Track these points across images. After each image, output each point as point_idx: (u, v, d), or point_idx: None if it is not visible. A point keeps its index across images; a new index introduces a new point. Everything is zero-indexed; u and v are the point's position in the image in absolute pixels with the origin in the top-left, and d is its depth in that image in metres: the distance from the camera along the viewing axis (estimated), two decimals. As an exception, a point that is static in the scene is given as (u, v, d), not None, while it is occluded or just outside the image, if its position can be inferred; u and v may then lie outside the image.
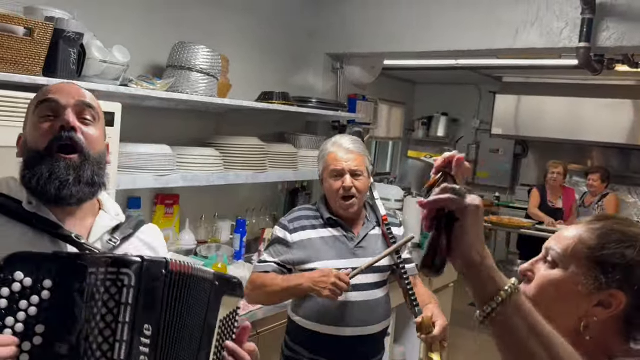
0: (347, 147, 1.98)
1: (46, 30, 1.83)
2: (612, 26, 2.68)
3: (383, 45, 3.40)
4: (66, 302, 0.92)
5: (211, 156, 2.64)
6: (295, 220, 2.00)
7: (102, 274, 0.92)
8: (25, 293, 0.91)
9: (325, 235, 1.97)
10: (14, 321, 0.90)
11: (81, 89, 1.18)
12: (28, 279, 0.92)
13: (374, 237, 2.03)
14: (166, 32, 2.66)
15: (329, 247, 1.94)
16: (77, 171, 1.10)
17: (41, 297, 0.92)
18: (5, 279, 0.91)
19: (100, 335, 0.91)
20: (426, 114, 7.14)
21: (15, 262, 0.92)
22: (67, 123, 1.10)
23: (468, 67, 5.04)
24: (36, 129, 1.12)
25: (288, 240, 1.95)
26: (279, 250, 1.97)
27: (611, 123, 5.48)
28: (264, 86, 3.14)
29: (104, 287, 0.92)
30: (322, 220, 2.00)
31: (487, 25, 3.02)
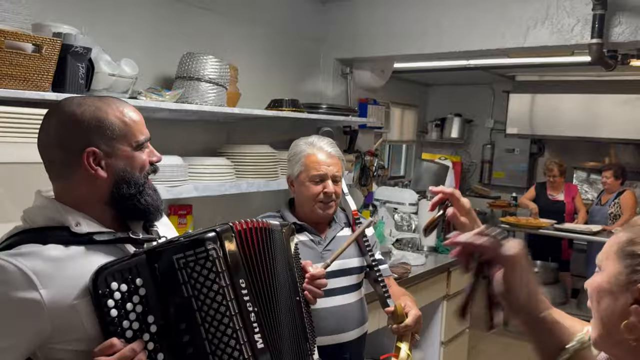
0: (328, 150, 1.92)
1: (54, 46, 1.84)
2: (624, 21, 2.64)
3: (392, 48, 3.38)
4: (165, 290, 1.07)
5: (223, 165, 2.64)
6: None
7: (191, 256, 1.08)
8: (126, 297, 1.05)
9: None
10: (129, 323, 1.05)
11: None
12: (123, 285, 1.06)
13: (343, 238, 1.90)
14: (174, 43, 2.67)
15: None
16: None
17: (139, 294, 1.07)
18: (104, 293, 1.04)
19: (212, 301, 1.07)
20: (439, 116, 7.09)
21: (105, 275, 1.04)
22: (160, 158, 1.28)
23: (480, 67, 4.99)
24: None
25: None
26: None
27: (628, 119, 5.39)
28: (273, 93, 3.14)
29: (199, 265, 1.08)
30: None
31: (497, 24, 2.98)
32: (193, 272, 1.07)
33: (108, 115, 1.15)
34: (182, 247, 1.09)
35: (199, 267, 1.08)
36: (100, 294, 1.03)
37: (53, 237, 1.08)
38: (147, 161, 1.21)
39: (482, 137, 7.05)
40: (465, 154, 7.19)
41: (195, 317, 1.07)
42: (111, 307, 1.04)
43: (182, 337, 1.07)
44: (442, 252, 3.88)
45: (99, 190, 1.15)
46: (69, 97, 1.23)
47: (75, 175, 1.14)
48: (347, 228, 2.00)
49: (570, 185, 5.53)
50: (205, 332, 1.07)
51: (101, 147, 1.14)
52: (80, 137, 1.13)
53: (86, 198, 1.15)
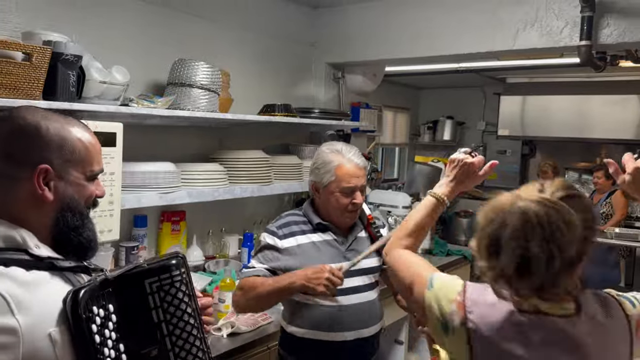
0: (357, 162, 1.97)
1: (44, 54, 1.84)
2: (612, 23, 2.66)
3: (383, 52, 3.39)
4: (136, 315, 1.05)
5: (216, 171, 2.64)
6: (284, 226, 1.97)
7: (167, 279, 1.07)
8: (103, 323, 1.01)
9: (316, 240, 1.95)
10: (108, 350, 1.00)
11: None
12: (101, 310, 1.01)
13: (363, 239, 2.03)
14: (165, 49, 2.67)
15: (320, 252, 1.92)
16: None
17: (113, 321, 1.03)
18: (88, 317, 0.98)
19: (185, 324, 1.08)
20: (431, 119, 7.11)
21: (85, 299, 0.98)
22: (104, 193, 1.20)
23: (471, 69, 5.02)
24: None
25: (278, 247, 1.92)
26: (269, 257, 1.92)
27: (618, 119, 5.43)
28: (265, 99, 3.14)
29: (175, 288, 1.08)
30: (311, 225, 1.98)
31: (486, 27, 3.00)
32: (167, 296, 1.07)
33: (71, 136, 1.10)
34: (154, 272, 1.07)
35: (174, 290, 1.08)
36: (84, 319, 0.97)
37: (12, 260, 0.98)
38: (93, 193, 1.14)
39: (474, 139, 7.07)
40: (458, 156, 7.21)
41: (166, 342, 1.06)
42: (95, 332, 0.98)
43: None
44: (437, 254, 3.89)
45: (43, 213, 1.06)
46: (30, 105, 1.17)
47: (20, 190, 1.04)
48: (364, 230, 2.07)
49: None
50: (175, 356, 1.07)
51: (55, 167, 1.06)
52: (37, 151, 1.05)
53: (28, 219, 1.05)
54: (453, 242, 4.74)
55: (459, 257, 3.93)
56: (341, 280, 1.77)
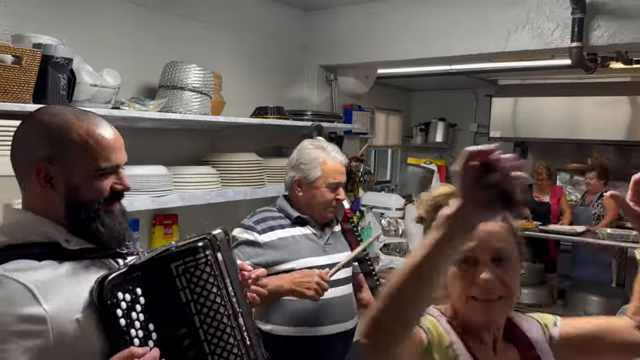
0: (340, 158, 2.02)
1: (34, 57, 1.82)
2: (603, 24, 2.67)
3: (375, 54, 3.39)
4: (164, 297, 1.09)
5: (208, 174, 2.63)
6: (261, 221, 1.98)
7: (191, 261, 1.09)
8: (130, 307, 1.07)
9: (296, 234, 1.97)
10: (135, 331, 1.06)
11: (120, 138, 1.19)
12: (127, 294, 1.07)
13: (338, 234, 2.08)
14: (157, 52, 2.66)
15: (300, 245, 1.95)
16: None
17: (141, 303, 1.08)
18: (113, 303, 1.05)
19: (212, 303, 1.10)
20: (423, 120, 7.12)
21: (110, 286, 1.05)
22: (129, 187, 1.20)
23: (462, 71, 5.03)
24: None
25: (259, 242, 1.91)
26: (249, 253, 1.90)
27: (609, 120, 5.45)
28: (258, 101, 3.13)
29: (199, 270, 1.10)
30: (289, 220, 1.99)
31: (478, 29, 3.01)
32: (193, 277, 1.10)
33: (72, 131, 1.08)
34: (179, 255, 1.10)
35: (199, 272, 1.10)
36: (109, 305, 1.04)
37: (46, 254, 1.06)
38: (105, 189, 1.12)
39: (466, 140, 7.09)
40: (450, 158, 7.22)
41: (194, 320, 1.09)
42: (120, 316, 1.05)
43: (183, 341, 1.09)
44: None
45: (55, 207, 1.09)
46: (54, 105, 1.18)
47: (30, 187, 1.10)
48: (338, 224, 2.11)
49: (555, 187, 5.58)
50: (204, 333, 1.10)
51: (55, 163, 1.07)
52: (38, 147, 1.08)
53: (47, 212, 1.09)
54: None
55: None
56: (327, 284, 1.79)
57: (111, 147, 1.12)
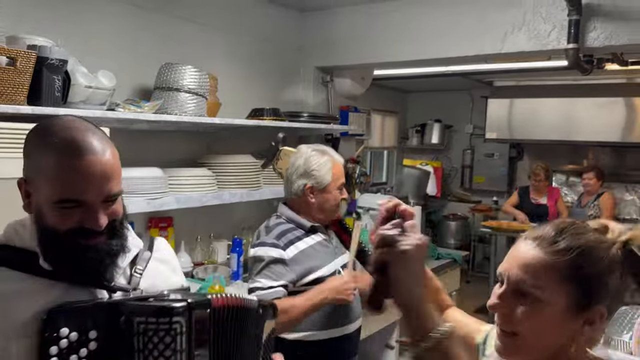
0: (341, 160, 2.08)
1: (29, 58, 1.81)
2: (599, 26, 2.68)
3: (371, 55, 3.39)
4: (116, 351, 0.94)
5: (204, 176, 2.61)
6: (280, 236, 1.95)
7: (153, 324, 0.94)
8: (73, 347, 0.91)
9: (312, 243, 1.98)
10: None
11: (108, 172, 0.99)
12: (74, 333, 0.92)
13: (334, 236, 2.13)
14: (152, 53, 2.64)
15: (319, 253, 1.96)
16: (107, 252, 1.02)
17: (89, 348, 0.93)
18: (51, 337, 0.90)
19: None
20: (419, 122, 7.13)
21: (58, 316, 0.91)
22: (98, 227, 0.98)
23: (458, 73, 5.03)
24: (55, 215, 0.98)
25: (285, 259, 1.89)
26: (279, 271, 1.86)
27: (605, 122, 5.48)
28: (254, 103, 3.12)
29: (157, 337, 0.94)
30: (303, 230, 1.98)
31: (474, 31, 3.01)
32: (149, 343, 0.94)
33: (50, 148, 0.95)
34: (146, 311, 0.95)
35: (156, 339, 0.95)
36: (44, 337, 0.90)
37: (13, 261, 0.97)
38: (63, 222, 0.96)
39: (462, 142, 7.11)
40: (446, 159, 7.23)
41: None
42: (52, 355, 0.90)
43: None
44: (426, 257, 3.88)
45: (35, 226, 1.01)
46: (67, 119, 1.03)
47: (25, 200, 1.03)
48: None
49: (552, 189, 5.58)
50: None
51: (29, 182, 0.99)
52: (24, 162, 1.01)
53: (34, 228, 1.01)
54: (442, 246, 4.75)
55: (448, 260, 3.93)
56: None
57: (89, 181, 0.96)
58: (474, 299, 5.62)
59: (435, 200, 6.59)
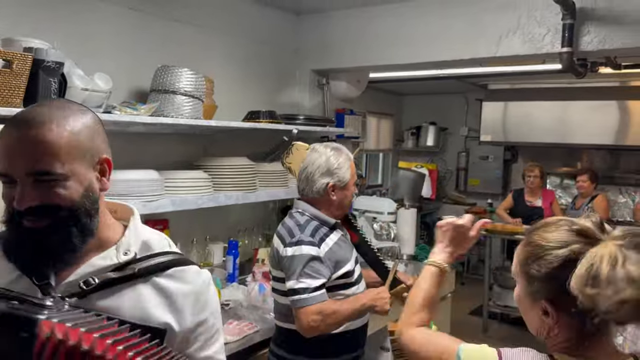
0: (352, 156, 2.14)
1: (25, 61, 1.81)
2: (592, 30, 2.70)
3: (367, 58, 3.40)
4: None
5: (200, 178, 2.61)
6: (314, 232, 1.98)
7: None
8: None
9: (336, 239, 2.04)
10: None
11: (38, 145, 0.91)
12: None
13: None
14: (148, 56, 2.65)
15: (342, 249, 2.04)
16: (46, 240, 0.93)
17: None
18: None
19: None
20: (415, 124, 7.16)
21: None
22: (18, 205, 0.91)
23: (453, 76, 5.05)
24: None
25: (320, 255, 1.94)
26: (318, 269, 1.90)
27: (598, 125, 5.51)
28: (250, 105, 3.13)
29: None
30: (327, 226, 2.04)
31: (469, 34, 3.03)
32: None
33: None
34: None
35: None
36: None
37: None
38: (9, 203, 0.93)
39: (457, 144, 7.13)
40: (441, 162, 7.26)
41: None
42: None
43: None
44: (422, 260, 3.89)
45: None
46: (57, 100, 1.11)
47: None
48: None
49: (547, 191, 5.60)
50: None
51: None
52: None
53: None
54: (437, 248, 4.75)
55: (443, 263, 3.94)
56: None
57: (5, 151, 0.92)
58: (469, 300, 5.65)
59: (430, 202, 6.62)
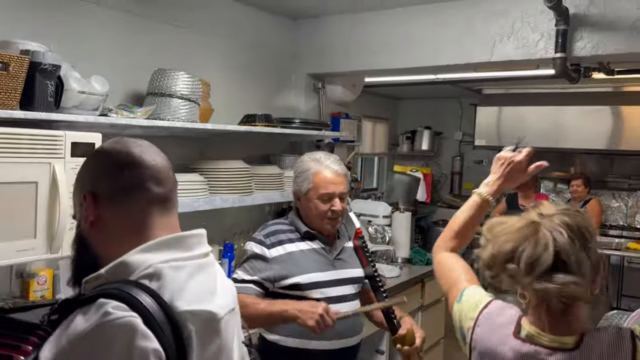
0: (335, 168, 2.00)
1: (22, 63, 1.81)
2: (586, 36, 2.73)
3: (363, 63, 3.42)
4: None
5: (196, 181, 2.62)
6: (271, 234, 1.97)
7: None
8: None
9: (304, 248, 1.96)
10: None
11: None
12: None
13: (349, 250, 2.05)
14: (145, 59, 2.65)
15: (308, 259, 1.94)
16: None
17: None
18: None
19: None
20: (409, 129, 7.17)
21: None
22: None
23: (448, 81, 5.08)
24: None
25: (266, 256, 1.91)
26: (257, 267, 1.90)
27: (592, 129, 5.54)
28: (246, 109, 3.13)
29: None
30: (299, 234, 1.99)
31: (464, 39, 3.05)
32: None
33: None
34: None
35: None
36: None
37: None
38: None
39: (452, 149, 7.16)
40: (436, 166, 7.28)
41: None
42: None
43: None
44: (416, 263, 3.91)
45: None
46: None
47: None
48: (349, 240, 2.08)
49: (540, 195, 5.62)
50: None
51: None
52: None
53: None
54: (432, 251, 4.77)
55: (438, 266, 3.95)
56: (333, 323, 1.76)
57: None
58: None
59: (425, 206, 6.63)
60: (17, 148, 1.70)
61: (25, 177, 1.71)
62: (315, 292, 1.91)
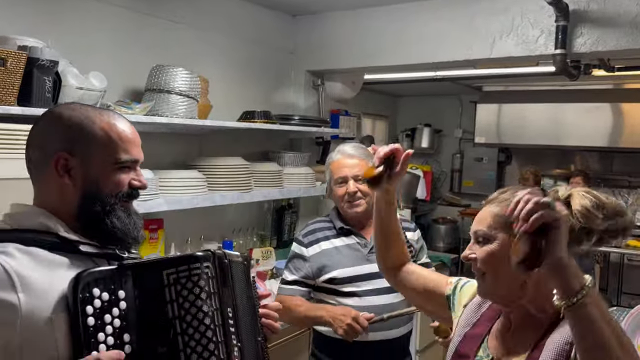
0: (349, 152, 2.05)
1: (19, 59, 1.80)
2: (586, 32, 2.72)
3: (362, 60, 3.41)
4: (148, 307, 1.00)
5: (194, 178, 2.61)
6: (309, 234, 2.07)
7: (184, 272, 1.01)
8: (105, 308, 0.97)
9: (339, 245, 2.03)
10: (104, 336, 0.96)
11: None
12: (106, 293, 0.98)
13: None
14: (143, 55, 2.65)
15: (342, 255, 2.01)
16: None
17: (120, 307, 0.99)
18: (85, 299, 0.95)
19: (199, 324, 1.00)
20: (409, 126, 7.16)
21: (87, 280, 0.97)
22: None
23: (448, 78, 5.07)
24: None
25: (305, 255, 2.02)
26: (297, 266, 2.03)
27: (592, 127, 5.53)
28: (245, 105, 3.13)
29: (192, 282, 1.01)
30: (335, 230, 2.05)
31: (464, 36, 3.04)
32: (183, 290, 1.00)
33: (94, 124, 1.09)
34: (174, 262, 1.03)
35: (190, 284, 1.01)
36: (80, 299, 0.95)
37: (38, 241, 1.01)
38: (124, 182, 1.11)
39: (452, 146, 7.15)
40: (436, 163, 7.27)
41: (177, 341, 0.99)
42: (89, 314, 0.95)
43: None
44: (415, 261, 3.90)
45: (68, 201, 1.08)
46: (72, 102, 1.20)
47: (46, 178, 1.08)
48: None
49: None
50: (186, 358, 0.98)
51: (76, 155, 1.07)
52: (58, 139, 1.08)
53: (58, 207, 1.08)
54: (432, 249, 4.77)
55: (437, 263, 3.96)
56: (364, 330, 1.82)
57: (131, 142, 1.14)
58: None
59: (425, 203, 6.63)
60: (14, 144, 1.69)
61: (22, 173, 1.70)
62: (350, 286, 1.97)
